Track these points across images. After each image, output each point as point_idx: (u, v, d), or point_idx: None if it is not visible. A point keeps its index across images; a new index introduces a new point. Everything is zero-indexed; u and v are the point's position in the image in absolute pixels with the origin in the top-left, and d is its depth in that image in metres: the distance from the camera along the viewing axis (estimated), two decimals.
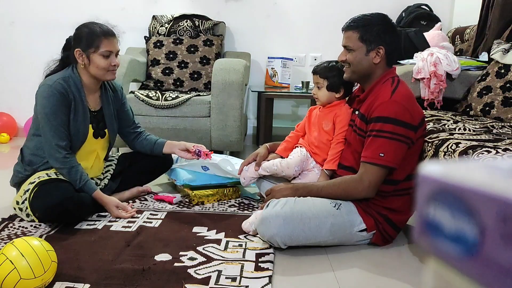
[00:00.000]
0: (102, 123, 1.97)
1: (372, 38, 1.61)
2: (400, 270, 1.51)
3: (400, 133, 1.52)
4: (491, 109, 2.09)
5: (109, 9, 3.45)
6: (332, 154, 1.78)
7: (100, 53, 1.80)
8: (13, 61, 3.54)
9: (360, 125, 1.64)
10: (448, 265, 0.28)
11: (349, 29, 1.65)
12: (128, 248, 1.56)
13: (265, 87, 3.19)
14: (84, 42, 1.80)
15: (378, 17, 1.64)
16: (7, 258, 1.18)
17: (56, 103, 1.76)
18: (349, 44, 1.64)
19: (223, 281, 1.36)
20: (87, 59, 1.81)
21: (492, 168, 0.28)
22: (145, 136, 2.14)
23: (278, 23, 3.49)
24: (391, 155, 1.53)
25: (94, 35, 1.80)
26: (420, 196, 0.30)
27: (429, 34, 2.78)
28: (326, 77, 1.82)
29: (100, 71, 1.83)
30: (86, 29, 1.82)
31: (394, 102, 1.53)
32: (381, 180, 1.57)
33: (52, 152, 1.77)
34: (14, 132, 3.56)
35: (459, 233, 0.27)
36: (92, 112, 1.92)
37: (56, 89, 1.76)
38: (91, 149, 1.94)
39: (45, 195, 1.70)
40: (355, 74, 1.68)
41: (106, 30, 1.84)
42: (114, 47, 1.85)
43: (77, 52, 1.81)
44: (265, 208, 1.60)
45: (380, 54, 1.61)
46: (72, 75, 1.83)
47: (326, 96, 1.83)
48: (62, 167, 1.78)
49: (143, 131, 2.16)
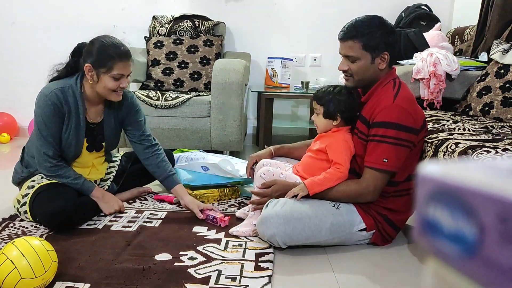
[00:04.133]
0: (101, 136, 1.89)
1: (376, 45, 1.55)
2: (399, 270, 1.51)
3: (403, 138, 1.52)
4: (491, 109, 2.09)
5: (109, 9, 3.45)
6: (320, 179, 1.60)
7: (112, 75, 1.71)
8: (14, 61, 3.54)
9: (361, 128, 1.63)
10: (447, 265, 0.28)
11: (349, 39, 1.57)
12: (129, 247, 1.56)
13: (265, 87, 3.18)
14: (97, 60, 1.70)
15: (377, 22, 1.57)
16: (8, 257, 1.18)
17: (49, 114, 1.71)
18: (352, 54, 1.57)
19: (223, 280, 1.36)
20: (96, 77, 1.72)
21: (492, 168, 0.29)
22: (160, 160, 1.94)
23: (278, 23, 3.49)
24: (394, 160, 1.53)
25: (108, 56, 1.69)
26: (420, 196, 0.30)
27: (428, 34, 2.78)
28: (322, 104, 1.70)
29: (106, 91, 1.74)
30: (100, 46, 1.70)
31: (397, 107, 1.52)
32: (384, 184, 1.58)
33: (41, 161, 1.75)
34: (14, 132, 3.55)
35: (459, 233, 0.27)
36: (90, 124, 1.84)
37: (50, 99, 1.70)
38: (86, 161, 1.89)
39: (47, 202, 1.68)
40: (360, 82, 1.62)
41: (123, 53, 1.72)
42: (127, 71, 1.75)
43: (87, 68, 1.71)
44: (265, 208, 1.60)
45: (385, 60, 1.58)
46: (73, 86, 1.76)
47: (324, 124, 1.72)
48: (51, 175, 1.76)
49: (155, 144, 1.97)
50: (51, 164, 1.75)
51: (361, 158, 1.62)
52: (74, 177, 1.79)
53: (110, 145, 1.95)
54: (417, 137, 1.57)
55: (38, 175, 1.81)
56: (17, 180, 1.87)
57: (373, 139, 1.56)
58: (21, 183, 1.85)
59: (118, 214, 1.89)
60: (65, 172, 1.78)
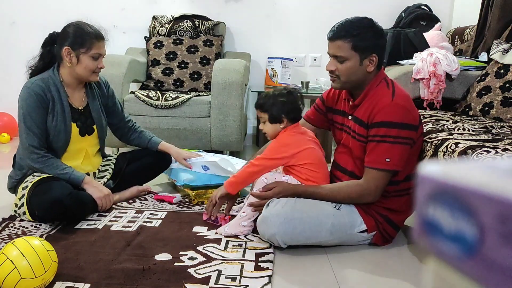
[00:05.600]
0: (90, 119, 1.96)
1: (366, 46, 1.54)
2: (400, 270, 1.51)
3: (404, 136, 1.51)
4: (491, 109, 2.09)
5: (109, 9, 3.45)
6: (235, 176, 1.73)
7: (91, 54, 1.81)
8: (13, 61, 3.53)
9: (359, 130, 1.60)
10: (447, 265, 0.28)
11: (338, 38, 1.55)
12: (128, 247, 1.56)
13: (265, 87, 3.19)
14: (75, 41, 1.79)
15: (367, 23, 1.55)
16: (8, 257, 1.18)
17: (32, 104, 1.76)
18: (341, 54, 1.55)
19: (223, 280, 1.36)
20: (76, 58, 1.80)
21: (491, 168, 0.29)
22: (140, 131, 2.16)
23: (278, 24, 3.49)
24: (396, 159, 1.52)
25: (87, 36, 1.80)
26: (420, 196, 0.30)
27: (428, 34, 2.78)
28: (265, 110, 1.70)
29: (87, 72, 1.83)
30: (79, 29, 1.81)
31: (397, 105, 1.52)
32: (386, 184, 1.56)
33: (27, 154, 1.78)
34: (14, 132, 3.55)
35: (459, 233, 0.27)
36: (77, 110, 1.91)
37: (33, 90, 1.77)
38: (79, 148, 1.94)
39: (43, 193, 1.70)
40: (347, 84, 1.61)
41: (98, 33, 1.84)
42: (103, 50, 1.86)
43: (65, 50, 1.79)
44: (266, 208, 1.60)
45: (374, 62, 1.56)
46: (52, 76, 1.83)
47: (271, 129, 1.72)
48: (40, 167, 1.78)
49: (134, 124, 2.18)
50: (38, 155, 1.78)
51: (361, 161, 1.61)
52: (62, 167, 1.81)
53: (100, 127, 2.00)
54: (416, 134, 1.57)
55: (30, 176, 1.82)
56: (12, 185, 1.88)
57: (373, 139, 1.54)
58: (16, 187, 1.86)
59: (118, 214, 1.89)
60: (53, 162, 1.80)
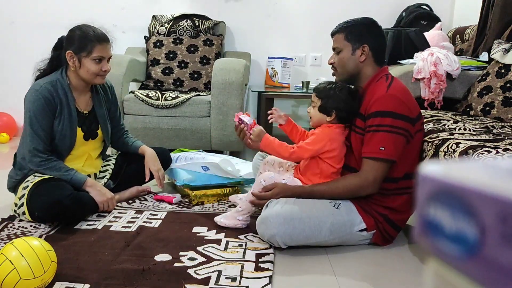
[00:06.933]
0: (95, 123, 1.97)
1: (356, 37, 1.65)
2: (400, 270, 1.51)
3: (399, 126, 1.53)
4: (491, 109, 2.09)
5: (109, 9, 3.45)
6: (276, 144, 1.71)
7: (92, 58, 1.80)
8: (13, 61, 3.54)
9: (359, 123, 1.64)
10: (448, 265, 0.28)
11: (336, 33, 1.71)
12: (128, 248, 1.56)
13: (265, 87, 3.18)
14: (77, 45, 1.79)
15: (363, 19, 1.69)
16: (7, 258, 1.18)
17: (40, 108, 1.76)
18: (337, 46, 1.69)
19: (223, 281, 1.35)
20: (78, 62, 1.81)
21: (492, 168, 0.28)
22: (126, 136, 2.17)
23: (278, 23, 3.49)
24: (391, 148, 1.53)
25: (87, 39, 1.79)
26: (421, 196, 0.30)
27: (429, 34, 2.78)
28: (320, 98, 1.71)
29: (90, 76, 1.83)
30: (80, 32, 1.81)
31: (391, 96, 1.55)
32: (384, 175, 1.57)
33: (30, 157, 1.77)
34: (14, 132, 3.56)
35: (459, 233, 0.27)
36: (82, 114, 1.92)
37: (42, 94, 1.76)
38: (82, 151, 1.95)
39: (43, 194, 1.70)
40: (343, 74, 1.71)
41: (100, 35, 1.82)
42: (106, 53, 1.84)
43: (68, 54, 1.80)
44: (265, 208, 1.60)
45: (365, 52, 1.65)
46: (60, 79, 1.83)
47: (317, 117, 1.72)
48: (42, 169, 1.78)
49: (126, 131, 2.19)
50: (41, 158, 1.78)
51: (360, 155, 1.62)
52: (65, 169, 1.81)
53: (105, 132, 2.01)
54: (413, 127, 1.58)
55: (31, 175, 1.81)
56: (12, 185, 1.88)
57: (369, 130, 1.57)
58: (16, 187, 1.85)
59: (117, 214, 1.89)
60: (56, 165, 1.80)
